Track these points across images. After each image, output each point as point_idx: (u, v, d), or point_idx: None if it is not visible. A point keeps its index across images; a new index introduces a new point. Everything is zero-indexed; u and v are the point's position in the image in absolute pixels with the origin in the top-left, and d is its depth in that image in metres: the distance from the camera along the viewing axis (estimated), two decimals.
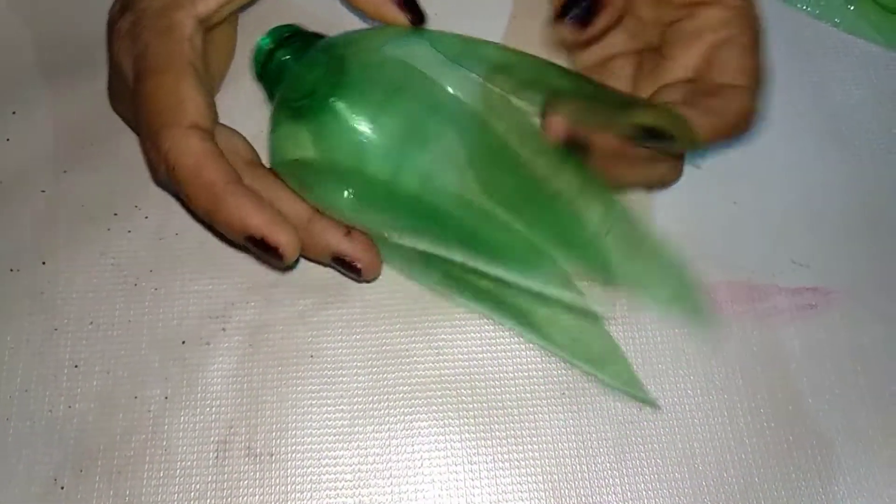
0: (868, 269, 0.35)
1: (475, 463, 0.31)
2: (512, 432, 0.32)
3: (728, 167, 0.37)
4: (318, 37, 0.31)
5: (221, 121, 0.31)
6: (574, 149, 0.25)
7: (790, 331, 0.34)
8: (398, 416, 0.32)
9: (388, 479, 0.31)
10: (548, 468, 0.31)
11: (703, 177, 0.36)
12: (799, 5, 0.41)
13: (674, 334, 0.33)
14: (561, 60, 0.33)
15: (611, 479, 0.31)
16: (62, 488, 0.31)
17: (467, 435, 0.32)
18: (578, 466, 0.31)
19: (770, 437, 0.32)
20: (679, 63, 0.29)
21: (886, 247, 0.35)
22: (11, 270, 0.34)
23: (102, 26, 0.32)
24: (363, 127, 0.28)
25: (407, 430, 0.32)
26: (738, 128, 0.27)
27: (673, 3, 0.29)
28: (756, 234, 0.35)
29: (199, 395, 0.32)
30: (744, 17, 0.28)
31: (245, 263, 0.34)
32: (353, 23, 0.36)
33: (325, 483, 0.31)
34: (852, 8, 0.40)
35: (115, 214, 0.35)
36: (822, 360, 0.33)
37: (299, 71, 0.30)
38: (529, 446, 0.32)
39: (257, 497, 0.31)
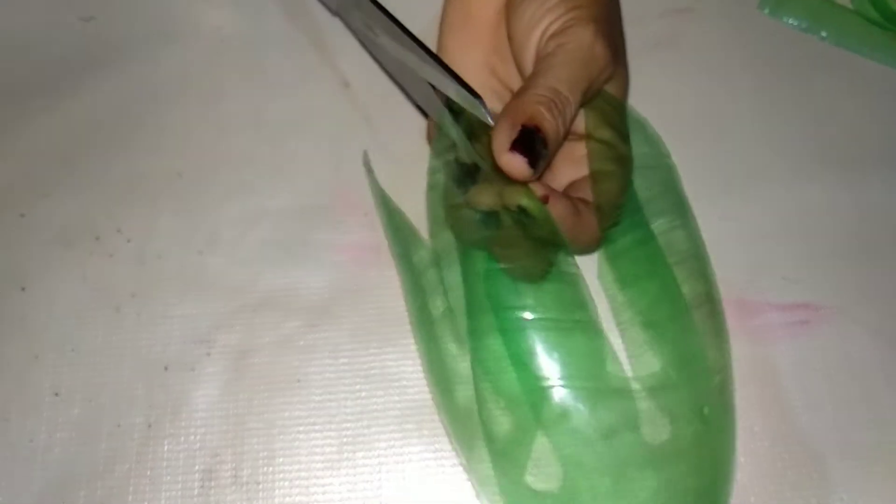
0: (858, 285, 0.35)
1: (468, 488, 0.31)
2: None
3: (717, 184, 0.37)
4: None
5: None
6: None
7: (782, 347, 0.34)
8: (388, 442, 0.31)
9: None
10: None
11: (692, 194, 0.36)
12: (785, 19, 0.41)
13: None
14: None
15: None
16: None
17: (459, 459, 0.31)
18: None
19: (764, 456, 0.32)
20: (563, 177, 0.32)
21: (876, 262, 0.35)
22: None
23: (77, 48, 0.32)
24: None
25: (397, 455, 0.31)
26: (586, 245, 0.30)
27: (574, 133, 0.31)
28: (747, 251, 0.35)
29: (183, 422, 0.31)
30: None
31: (229, 285, 0.34)
32: None
33: None
34: (839, 22, 0.40)
35: (97, 238, 0.34)
36: (815, 376, 0.33)
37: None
38: None
39: None
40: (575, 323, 0.29)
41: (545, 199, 0.28)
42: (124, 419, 0.31)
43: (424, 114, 0.37)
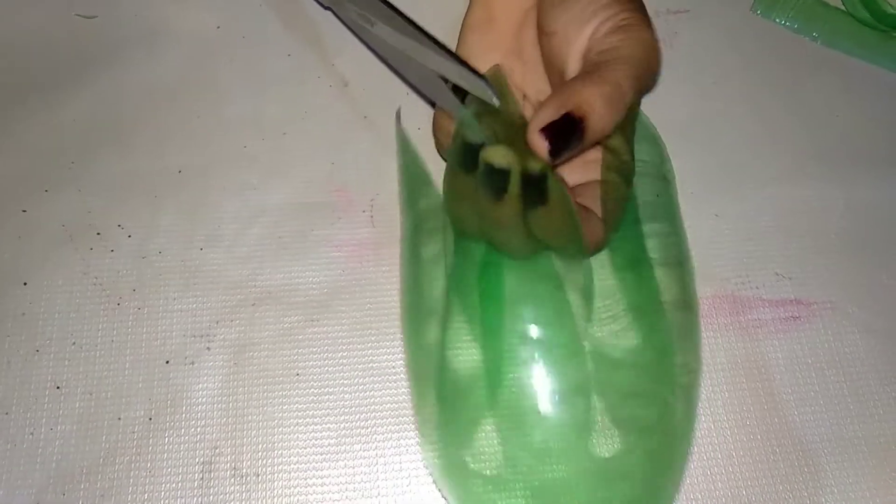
0: (849, 281, 0.35)
1: None
2: None
3: (710, 181, 0.37)
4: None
5: None
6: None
7: (774, 342, 0.34)
8: (386, 434, 0.32)
9: (377, 497, 0.31)
10: None
11: (686, 192, 0.36)
12: (777, 20, 0.41)
13: None
14: None
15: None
16: None
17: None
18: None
19: (756, 450, 0.32)
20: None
21: (867, 259, 0.36)
22: None
23: (79, 46, 0.32)
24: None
25: (395, 447, 0.31)
26: (588, 246, 0.30)
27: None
28: (739, 247, 0.36)
29: (183, 415, 0.32)
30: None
31: (229, 280, 0.34)
32: None
33: (312, 503, 0.30)
34: (830, 23, 0.41)
35: (98, 234, 0.35)
36: (806, 371, 0.34)
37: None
38: None
39: None
40: (558, 283, 0.29)
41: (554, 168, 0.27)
42: (125, 412, 0.32)
43: (429, 102, 0.37)
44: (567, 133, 0.26)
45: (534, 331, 0.29)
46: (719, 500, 0.31)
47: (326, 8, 0.39)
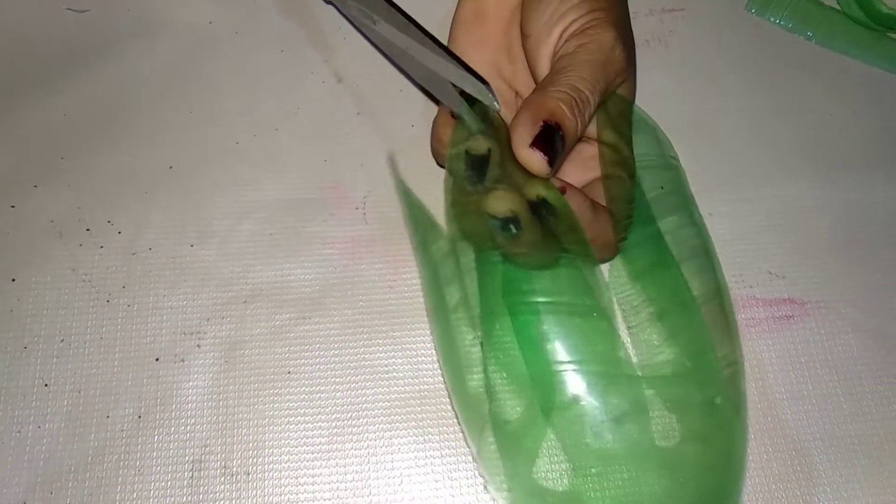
0: (842, 281, 0.35)
1: (455, 479, 0.31)
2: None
3: (704, 179, 0.37)
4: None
5: None
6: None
7: (767, 342, 0.34)
8: (377, 433, 0.31)
9: (368, 496, 0.30)
10: None
11: None
12: (772, 19, 0.41)
13: None
14: None
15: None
16: None
17: (448, 451, 0.31)
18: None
19: (749, 449, 0.32)
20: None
21: (860, 259, 0.36)
22: None
23: (69, 40, 0.32)
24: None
25: (387, 446, 0.31)
26: (602, 247, 0.30)
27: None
28: (734, 247, 0.36)
29: (173, 413, 0.31)
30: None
31: (220, 277, 0.34)
32: None
33: (303, 501, 0.30)
34: (825, 22, 0.41)
35: (87, 230, 0.34)
36: (799, 370, 0.34)
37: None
38: None
39: None
40: (587, 308, 0.29)
41: (563, 191, 0.28)
42: (114, 410, 0.31)
43: (433, 99, 0.37)
44: (552, 140, 0.27)
45: (574, 355, 0.29)
46: None
47: (328, 1, 0.39)
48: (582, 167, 0.31)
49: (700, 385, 0.30)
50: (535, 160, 0.27)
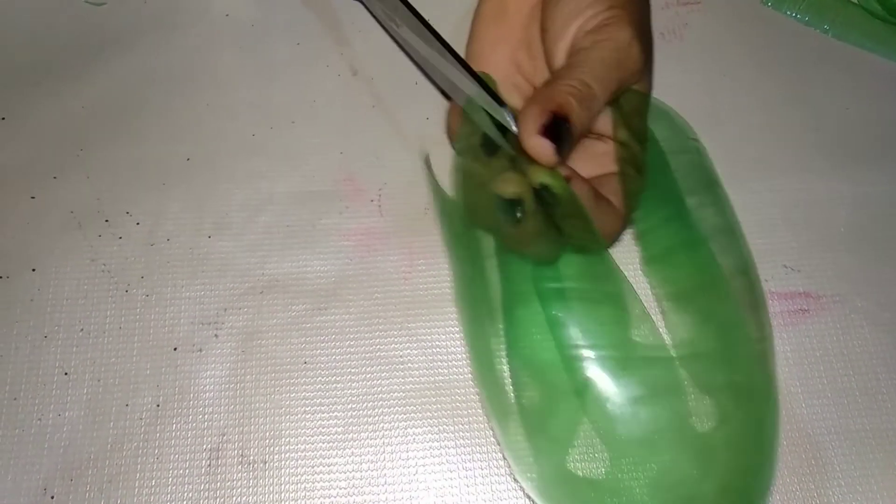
0: (858, 275, 0.35)
1: (470, 469, 0.31)
2: None
3: (719, 172, 0.37)
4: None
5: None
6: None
7: (783, 335, 0.34)
8: (393, 423, 0.32)
9: (383, 486, 0.31)
10: None
11: None
12: (788, 13, 0.41)
13: None
14: None
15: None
16: (52, 498, 0.30)
17: (462, 441, 0.32)
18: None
19: None
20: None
21: (876, 252, 0.36)
22: (1, 277, 0.33)
23: (87, 33, 0.32)
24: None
25: (401, 436, 0.31)
26: (603, 239, 0.30)
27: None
28: (749, 240, 0.35)
29: (191, 402, 0.32)
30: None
31: (237, 268, 0.34)
32: None
33: (318, 490, 0.31)
34: (841, 16, 0.41)
35: (106, 221, 0.35)
36: (815, 365, 0.34)
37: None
38: None
39: None
40: (604, 294, 0.30)
41: (568, 179, 0.28)
42: (133, 399, 0.32)
43: (448, 97, 0.37)
44: (559, 130, 0.27)
45: (591, 340, 0.29)
46: None
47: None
48: (592, 163, 0.32)
49: (731, 364, 0.30)
50: (541, 148, 0.27)
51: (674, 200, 0.32)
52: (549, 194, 0.27)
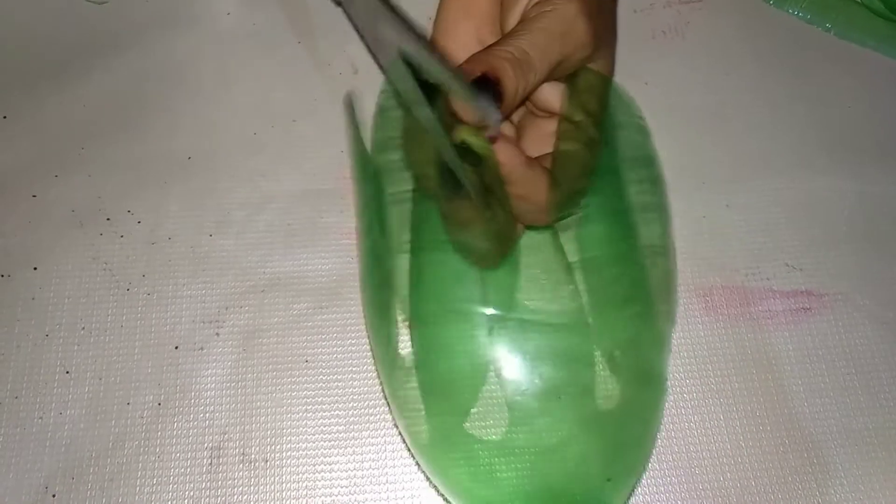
0: (860, 273, 0.35)
1: None
2: None
3: (720, 170, 0.37)
4: None
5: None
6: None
7: (784, 334, 0.34)
8: (394, 421, 0.32)
9: (384, 484, 0.31)
10: None
11: (696, 181, 0.36)
12: (790, 10, 0.41)
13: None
14: None
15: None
16: (53, 496, 0.30)
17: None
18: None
19: (766, 441, 0.32)
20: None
21: (878, 251, 0.36)
22: (2, 276, 0.33)
23: (89, 32, 0.32)
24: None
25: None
26: (534, 209, 0.29)
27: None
28: (751, 239, 0.36)
29: (192, 400, 0.32)
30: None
31: (239, 267, 0.34)
32: None
33: (320, 489, 0.31)
34: (844, 14, 0.41)
35: (108, 219, 0.35)
36: (817, 363, 0.34)
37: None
38: None
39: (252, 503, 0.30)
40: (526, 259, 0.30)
41: (493, 140, 0.27)
42: (134, 397, 0.32)
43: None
44: (487, 91, 0.27)
45: (522, 299, 0.30)
46: (728, 491, 0.31)
47: (337, 4, 0.39)
48: (542, 141, 0.31)
49: (633, 343, 0.30)
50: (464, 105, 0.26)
51: (612, 170, 0.32)
52: (471, 155, 0.27)
